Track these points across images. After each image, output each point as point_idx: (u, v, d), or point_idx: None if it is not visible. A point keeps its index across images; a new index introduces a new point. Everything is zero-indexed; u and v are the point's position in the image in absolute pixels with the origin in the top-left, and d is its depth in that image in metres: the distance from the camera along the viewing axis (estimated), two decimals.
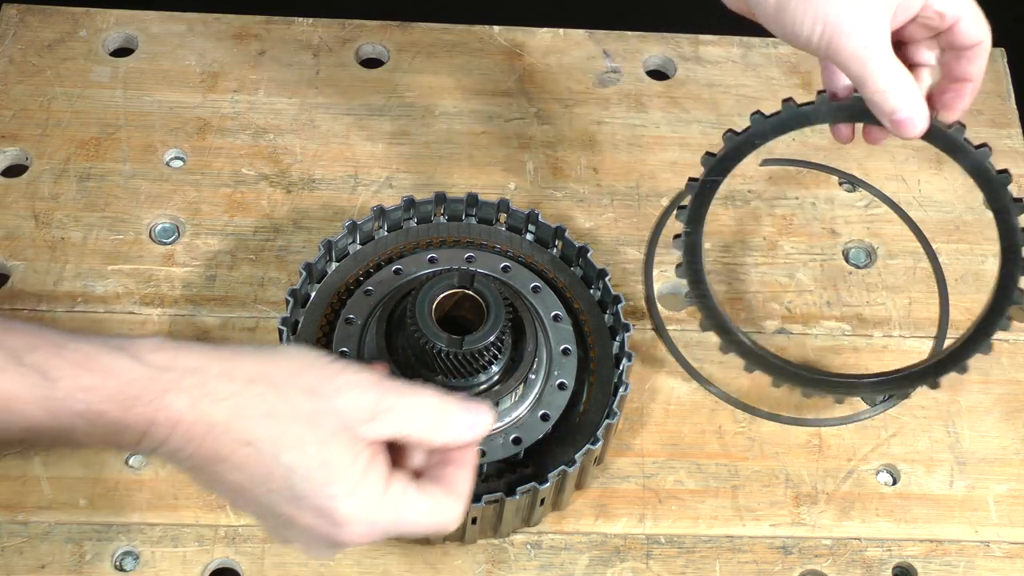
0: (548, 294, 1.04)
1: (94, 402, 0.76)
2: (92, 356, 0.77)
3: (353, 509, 0.79)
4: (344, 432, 0.79)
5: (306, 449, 0.78)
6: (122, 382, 0.77)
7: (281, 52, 1.25)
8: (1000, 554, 1.02)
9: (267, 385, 0.79)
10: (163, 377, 0.77)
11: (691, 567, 1.00)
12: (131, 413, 0.77)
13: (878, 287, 1.15)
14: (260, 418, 0.78)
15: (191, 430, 0.78)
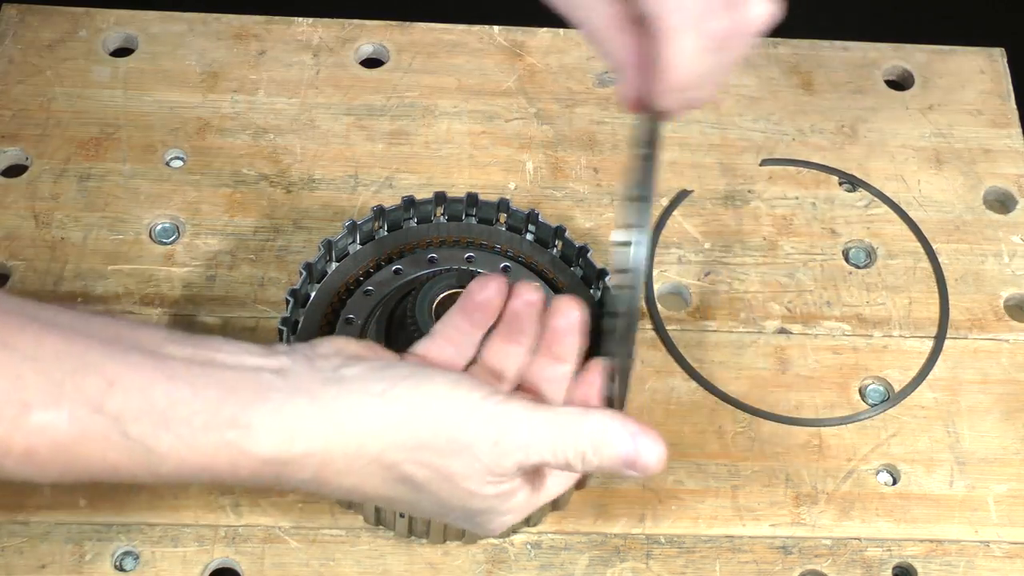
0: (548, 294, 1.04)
1: (204, 478, 0.74)
2: (199, 433, 0.71)
3: (509, 517, 0.83)
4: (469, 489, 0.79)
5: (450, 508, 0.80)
6: (232, 466, 0.73)
7: (281, 52, 1.25)
8: (1000, 554, 1.02)
9: (401, 461, 0.77)
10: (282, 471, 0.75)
11: (691, 567, 1.00)
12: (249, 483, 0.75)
13: (878, 287, 1.15)
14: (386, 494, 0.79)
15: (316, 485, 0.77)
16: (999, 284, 1.16)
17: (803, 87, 1.27)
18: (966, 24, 1.82)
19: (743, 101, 1.25)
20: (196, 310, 1.09)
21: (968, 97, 1.27)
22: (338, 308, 1.03)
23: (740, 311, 1.13)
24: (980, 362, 1.11)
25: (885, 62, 1.29)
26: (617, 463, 0.78)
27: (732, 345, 1.11)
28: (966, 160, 1.23)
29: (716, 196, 1.19)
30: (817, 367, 1.10)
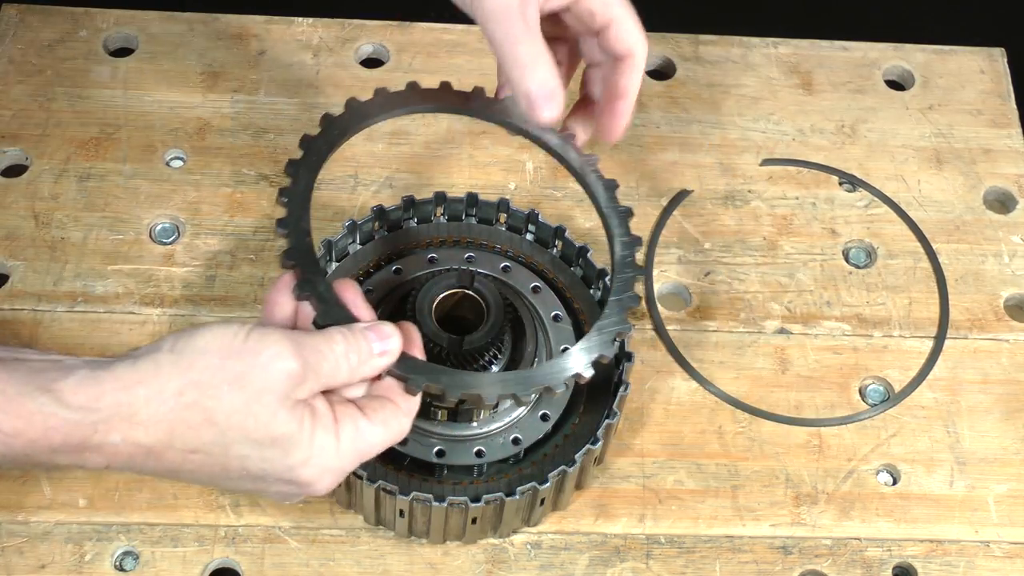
0: (548, 294, 1.04)
1: (16, 446, 0.78)
2: (13, 399, 0.78)
3: (315, 470, 0.82)
4: (281, 404, 0.80)
5: (252, 436, 0.80)
6: (46, 427, 0.78)
7: (281, 52, 1.25)
8: (1000, 554, 1.02)
9: (197, 392, 0.79)
10: (88, 419, 0.78)
11: (691, 567, 1.00)
12: (57, 456, 0.79)
13: (878, 287, 1.15)
14: (199, 426, 0.80)
15: (132, 457, 0.80)
16: (999, 284, 1.16)
17: (803, 87, 1.27)
18: (966, 24, 1.82)
19: (743, 101, 1.25)
20: (196, 310, 1.09)
21: (968, 97, 1.27)
22: None
23: (740, 311, 1.13)
24: (980, 362, 1.11)
25: (885, 62, 1.29)
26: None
27: (732, 345, 1.11)
28: (966, 160, 1.23)
29: (716, 196, 1.19)
30: (817, 367, 1.10)
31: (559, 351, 1.00)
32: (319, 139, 0.95)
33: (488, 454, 0.97)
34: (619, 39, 0.93)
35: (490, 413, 0.97)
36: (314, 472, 0.82)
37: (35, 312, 1.08)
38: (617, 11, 0.92)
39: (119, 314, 1.09)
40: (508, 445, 0.97)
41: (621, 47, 0.94)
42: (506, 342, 0.97)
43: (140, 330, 1.08)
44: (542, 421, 0.98)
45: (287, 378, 0.80)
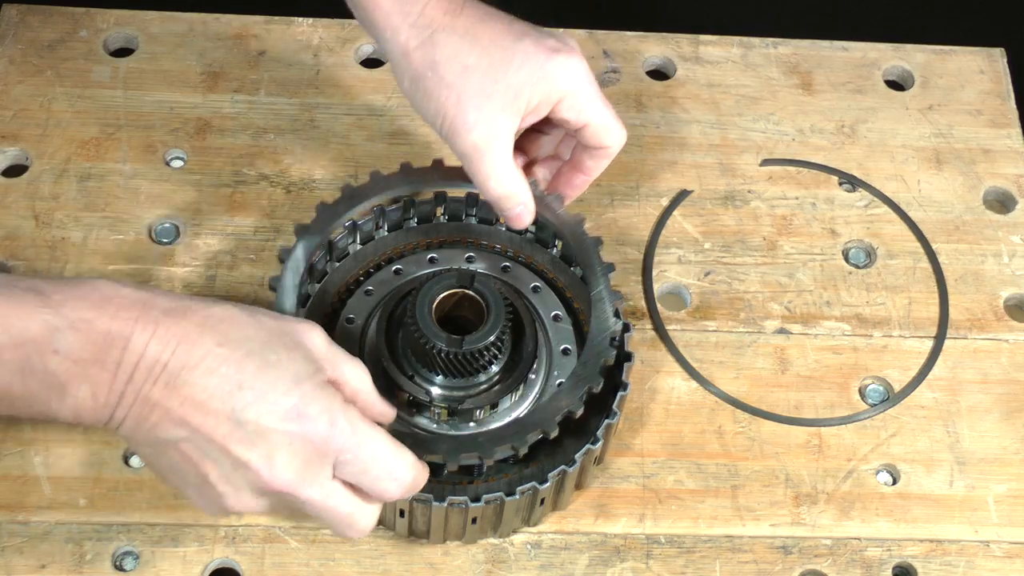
0: (548, 294, 1.04)
1: (84, 310, 0.80)
2: (77, 279, 0.83)
3: (319, 404, 0.82)
4: (305, 350, 0.84)
5: (276, 350, 0.83)
6: (107, 294, 0.81)
7: (281, 52, 1.25)
8: (1000, 554, 1.02)
9: (233, 305, 0.84)
10: (140, 292, 0.82)
11: (691, 567, 1.00)
12: (117, 319, 0.80)
13: (878, 287, 1.15)
14: (231, 324, 0.83)
15: (168, 332, 0.81)
16: (999, 284, 1.16)
17: (803, 87, 1.27)
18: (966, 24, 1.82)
19: (743, 101, 1.25)
20: None
21: (968, 97, 1.27)
22: (338, 308, 1.03)
23: (740, 311, 1.13)
24: (980, 362, 1.11)
25: (885, 62, 1.29)
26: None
27: (732, 345, 1.11)
28: (966, 160, 1.23)
29: (716, 196, 1.19)
30: (817, 367, 1.10)
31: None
32: (331, 208, 1.01)
33: None
34: (594, 138, 1.00)
35: (490, 413, 0.97)
36: (319, 402, 0.82)
37: None
38: (590, 116, 0.98)
39: None
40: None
41: (596, 143, 1.00)
42: (506, 342, 0.97)
43: None
44: None
45: (315, 346, 0.85)
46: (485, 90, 0.94)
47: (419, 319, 0.94)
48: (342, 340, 1.00)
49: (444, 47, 0.94)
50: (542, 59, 0.95)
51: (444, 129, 0.95)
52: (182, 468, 0.83)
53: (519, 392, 0.98)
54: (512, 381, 0.97)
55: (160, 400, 0.81)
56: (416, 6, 0.95)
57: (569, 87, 0.96)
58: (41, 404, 0.82)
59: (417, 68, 0.95)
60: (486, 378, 0.96)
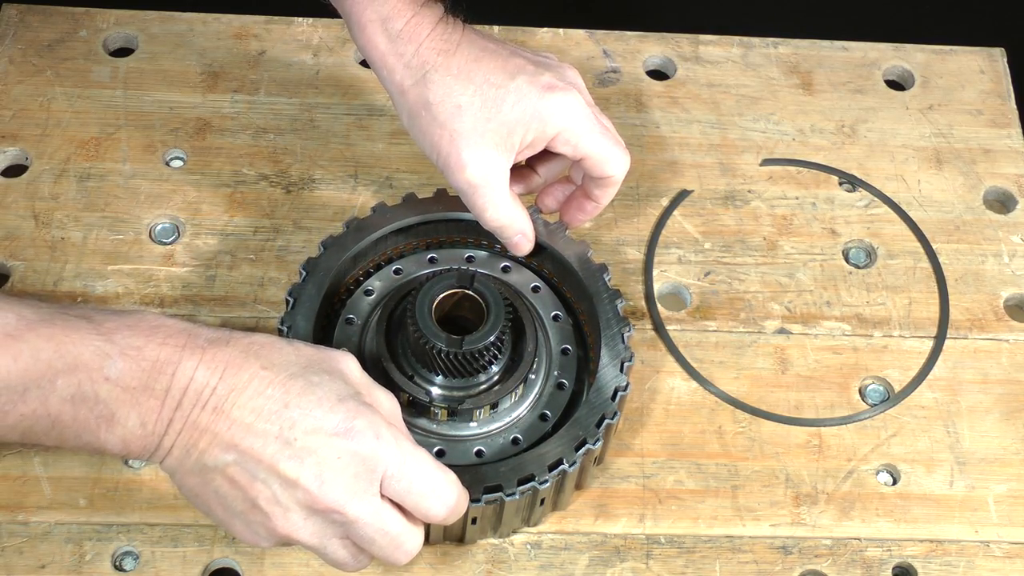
0: (548, 294, 1.04)
1: (133, 337, 0.82)
2: (124, 310, 0.86)
3: (364, 418, 0.84)
4: (343, 376, 0.86)
5: (317, 372, 0.85)
6: (154, 323, 0.84)
7: (281, 52, 1.25)
8: (1000, 554, 1.02)
9: (273, 336, 0.88)
10: (184, 324, 0.85)
11: (691, 567, 1.00)
12: (165, 346, 0.83)
13: (878, 287, 1.15)
14: (272, 348, 0.85)
15: (215, 358, 0.83)
16: (999, 284, 1.16)
17: (803, 87, 1.27)
18: (966, 24, 1.82)
19: (743, 101, 1.25)
20: (196, 310, 1.09)
21: (968, 97, 1.27)
22: (338, 308, 1.03)
23: (740, 311, 1.13)
24: (980, 362, 1.11)
25: (885, 62, 1.29)
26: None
27: (732, 345, 1.11)
28: (966, 160, 1.23)
29: (716, 196, 1.19)
30: (817, 367, 1.10)
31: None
32: (339, 240, 1.03)
33: (488, 454, 0.97)
34: (596, 168, 1.01)
35: (490, 413, 0.97)
36: (364, 416, 0.84)
37: None
38: (588, 149, 0.99)
39: None
40: (508, 445, 0.97)
41: (598, 174, 1.01)
42: (506, 342, 0.97)
43: None
44: (542, 421, 0.98)
45: (352, 374, 0.87)
46: (478, 129, 0.96)
47: (419, 319, 0.94)
48: (342, 340, 1.00)
49: (437, 87, 0.96)
50: (535, 97, 0.97)
51: (440, 164, 0.98)
52: (228, 495, 0.85)
53: (519, 392, 0.98)
54: (512, 381, 0.97)
55: (209, 425, 0.83)
56: (411, 46, 0.97)
57: (564, 124, 0.98)
58: (90, 434, 0.83)
59: (412, 106, 0.97)
60: (486, 378, 0.96)
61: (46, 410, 0.82)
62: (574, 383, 1.00)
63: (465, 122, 0.96)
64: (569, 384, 1.00)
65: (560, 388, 1.00)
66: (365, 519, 0.84)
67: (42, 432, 0.83)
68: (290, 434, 0.83)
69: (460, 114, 0.96)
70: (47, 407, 0.82)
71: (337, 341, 1.00)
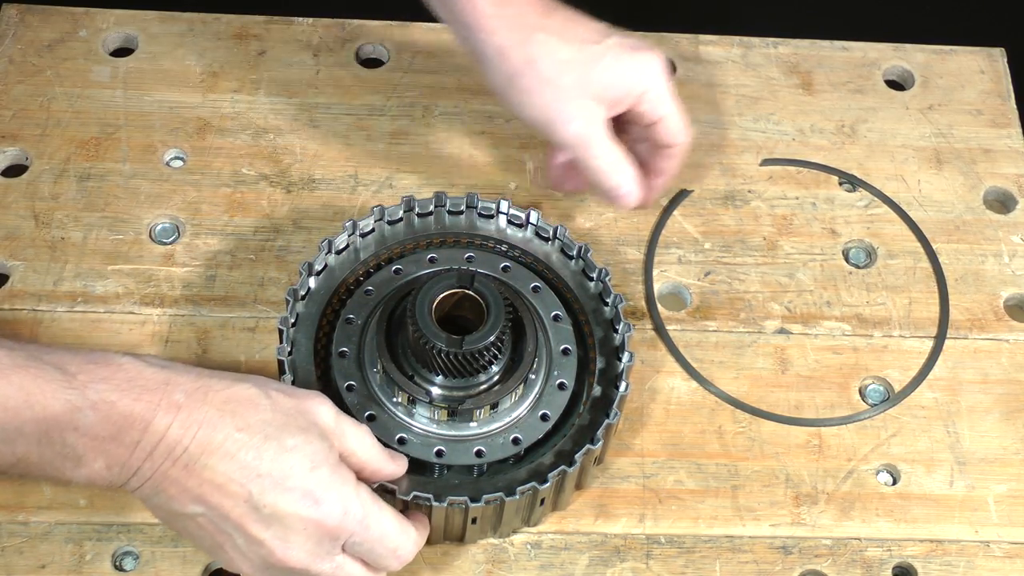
0: (548, 294, 1.04)
1: (107, 391, 0.82)
2: (102, 356, 0.85)
3: (333, 491, 0.86)
4: (318, 428, 0.88)
5: (293, 433, 0.86)
6: (131, 374, 0.84)
7: (281, 52, 1.25)
8: (1000, 554, 1.02)
9: (251, 383, 0.87)
10: (163, 372, 0.85)
11: (691, 567, 1.00)
12: (140, 401, 0.83)
13: (878, 287, 1.15)
14: (250, 407, 0.86)
15: (190, 417, 0.84)
16: (999, 284, 1.16)
17: (803, 87, 1.27)
18: (966, 24, 1.82)
19: (743, 101, 1.25)
20: (196, 310, 1.09)
21: (968, 97, 1.27)
22: (338, 308, 1.03)
23: (740, 311, 1.13)
24: (980, 362, 1.11)
25: (885, 62, 1.29)
26: None
27: (732, 345, 1.11)
28: (966, 160, 1.23)
29: (716, 196, 1.19)
30: (817, 367, 1.10)
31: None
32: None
33: (488, 454, 0.97)
34: (665, 133, 1.04)
35: (490, 413, 0.97)
36: (331, 490, 0.86)
37: (35, 312, 1.08)
38: (665, 111, 1.03)
39: (119, 314, 1.09)
40: (508, 445, 0.97)
41: (666, 140, 1.05)
42: (506, 342, 0.97)
43: (140, 330, 1.08)
44: (542, 421, 0.98)
45: (326, 416, 0.89)
46: (581, 83, 1.00)
47: (419, 319, 0.94)
48: (342, 340, 1.00)
49: (542, 45, 0.99)
50: (627, 56, 1.01)
51: (543, 120, 1.01)
52: (197, 535, 0.88)
53: (519, 392, 0.98)
54: (512, 381, 0.97)
55: (178, 478, 0.84)
56: (512, 8, 1.00)
57: (649, 83, 1.02)
58: (55, 470, 0.84)
59: (515, 66, 0.99)
60: (486, 378, 0.96)
61: (11, 450, 0.82)
62: (574, 383, 1.00)
63: (569, 77, 0.99)
64: (569, 384, 1.00)
65: (560, 388, 1.00)
66: (326, 574, 0.88)
67: (6, 466, 0.84)
68: (259, 500, 0.84)
69: (564, 69, 0.99)
70: (12, 448, 0.82)
71: (337, 341, 1.00)
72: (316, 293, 1.03)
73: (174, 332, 1.08)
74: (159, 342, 1.07)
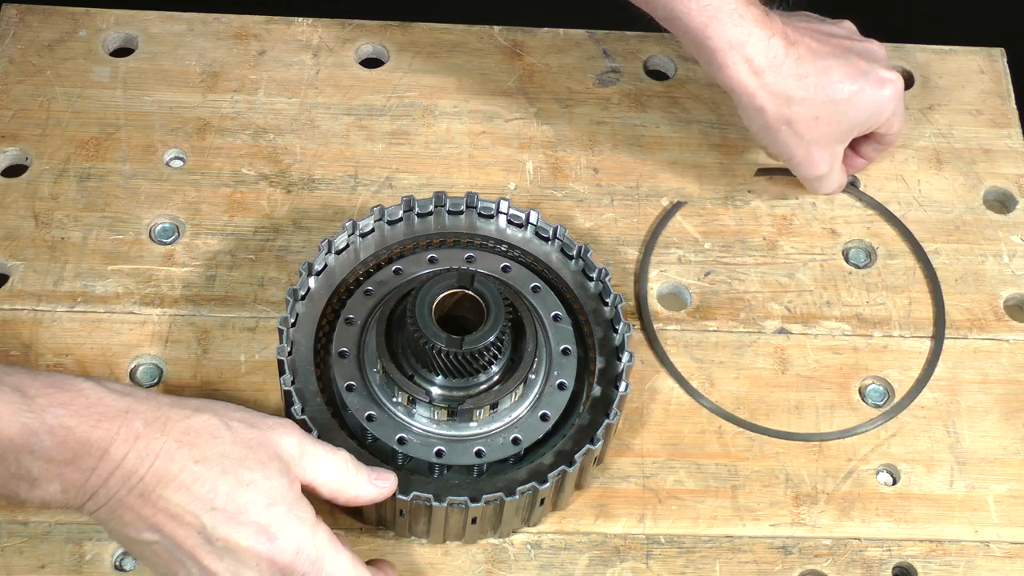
0: (548, 294, 1.04)
1: (65, 416, 0.82)
2: (63, 380, 0.84)
3: (288, 529, 0.86)
4: (280, 462, 0.87)
5: (251, 468, 0.86)
6: (91, 400, 0.83)
7: (281, 52, 1.25)
8: (1000, 554, 1.02)
9: (212, 413, 0.87)
10: (124, 400, 0.84)
11: (691, 567, 1.00)
12: (98, 428, 0.83)
13: (878, 287, 1.15)
14: (209, 438, 0.86)
15: (148, 447, 0.84)
16: (999, 284, 1.16)
17: None
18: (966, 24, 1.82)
19: None
20: (196, 310, 1.09)
21: (968, 97, 1.27)
22: (338, 308, 1.03)
23: (740, 311, 1.13)
24: (980, 362, 1.11)
25: None
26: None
27: (732, 345, 1.11)
28: (966, 160, 1.23)
29: (716, 196, 1.19)
30: (817, 367, 1.10)
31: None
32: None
33: (488, 454, 0.97)
34: (888, 137, 1.14)
35: (490, 413, 0.97)
36: (286, 528, 0.86)
37: (35, 312, 1.08)
38: (897, 126, 1.13)
39: (119, 314, 1.09)
40: (508, 445, 0.97)
41: (886, 141, 1.15)
42: (506, 342, 0.97)
43: (140, 330, 1.08)
44: (542, 421, 0.98)
45: (290, 445, 0.89)
46: (830, 134, 1.09)
47: (419, 319, 0.94)
48: (342, 340, 1.00)
49: (798, 108, 1.07)
50: (877, 98, 1.09)
51: (789, 161, 1.11)
52: (154, 562, 0.88)
53: (519, 392, 0.98)
54: (512, 381, 0.97)
55: (133, 506, 0.85)
56: (771, 75, 1.05)
57: (889, 111, 1.10)
58: (9, 491, 0.84)
59: (771, 123, 1.07)
60: (486, 378, 0.96)
61: None
62: (574, 383, 1.00)
63: (821, 132, 1.08)
64: (569, 384, 1.00)
65: (560, 388, 1.00)
66: None
67: None
68: (212, 533, 0.85)
69: (817, 125, 1.08)
70: None
71: (337, 341, 1.00)
72: (316, 293, 1.03)
73: (174, 332, 1.08)
74: (159, 342, 1.07)
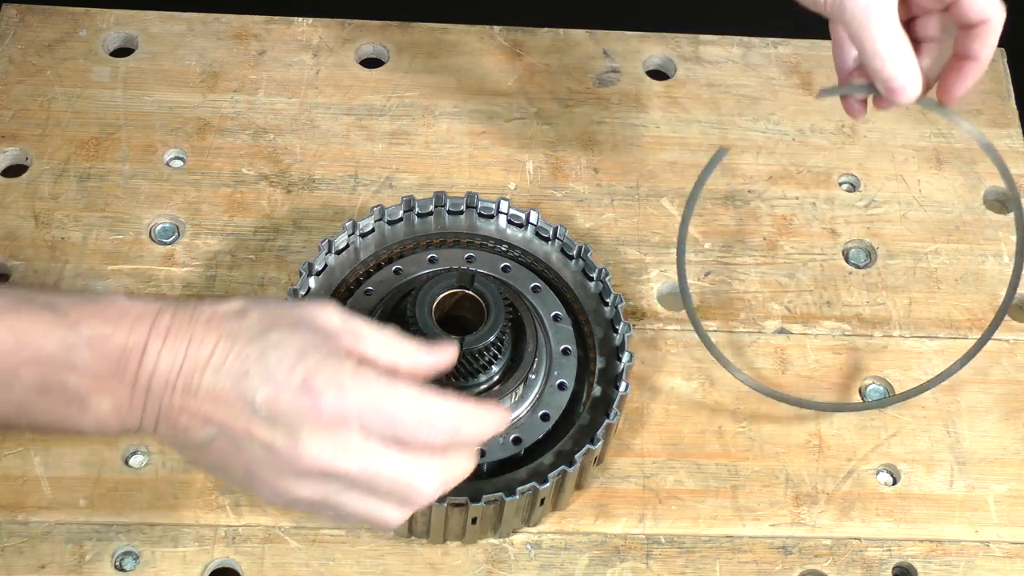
0: (548, 294, 1.04)
1: (100, 326, 0.81)
2: (92, 295, 0.85)
3: (324, 375, 0.80)
4: (315, 327, 0.83)
5: (280, 330, 0.82)
6: (123, 307, 0.82)
7: (281, 52, 1.25)
8: (1000, 554, 1.02)
9: (244, 299, 0.85)
10: (155, 303, 0.83)
11: (691, 567, 1.00)
12: (133, 333, 0.81)
13: (878, 287, 1.15)
14: (235, 317, 0.83)
15: (177, 339, 0.81)
16: (999, 284, 1.16)
17: (803, 87, 1.27)
18: None
19: (743, 101, 1.25)
20: None
21: (968, 97, 1.26)
22: None
23: (740, 311, 1.13)
24: (980, 362, 1.11)
25: None
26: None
27: (732, 345, 1.11)
28: (966, 160, 1.23)
29: (716, 196, 1.19)
30: (817, 367, 1.10)
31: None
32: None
33: (488, 454, 0.97)
34: (972, 9, 0.93)
35: None
36: (327, 377, 0.80)
37: None
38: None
39: None
40: (508, 445, 0.97)
41: (975, 16, 0.93)
42: (506, 342, 0.97)
43: None
44: (542, 421, 0.98)
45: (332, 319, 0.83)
46: None
47: (419, 319, 0.94)
48: None
49: None
50: None
51: (830, 5, 0.94)
52: (226, 465, 0.83)
53: (519, 392, 0.98)
54: (512, 382, 0.97)
55: (183, 404, 0.82)
56: None
57: None
58: (62, 418, 0.82)
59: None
60: (486, 379, 0.96)
61: (10, 398, 0.80)
62: (574, 383, 1.00)
63: None
64: (569, 384, 1.00)
65: (560, 388, 1.00)
66: (359, 471, 0.81)
67: (11, 417, 0.82)
68: (254, 403, 0.80)
69: None
70: (11, 395, 0.80)
71: None
72: (316, 293, 1.03)
73: None
74: None
